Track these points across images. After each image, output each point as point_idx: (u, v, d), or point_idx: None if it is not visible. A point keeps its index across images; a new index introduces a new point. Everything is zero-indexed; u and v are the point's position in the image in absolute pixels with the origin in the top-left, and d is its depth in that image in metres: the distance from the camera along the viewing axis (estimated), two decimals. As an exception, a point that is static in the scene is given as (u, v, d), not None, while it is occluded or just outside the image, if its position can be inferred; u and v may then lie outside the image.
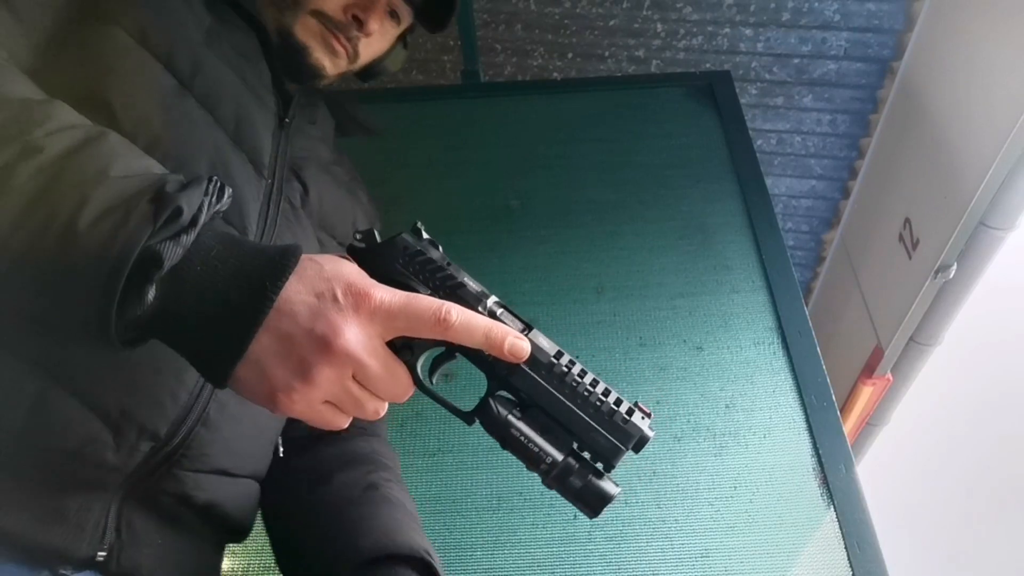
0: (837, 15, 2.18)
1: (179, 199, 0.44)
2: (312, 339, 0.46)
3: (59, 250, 0.42)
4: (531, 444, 0.53)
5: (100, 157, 0.45)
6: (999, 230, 1.81)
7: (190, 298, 0.45)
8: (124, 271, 0.42)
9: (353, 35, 0.81)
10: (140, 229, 0.42)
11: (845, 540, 1.20)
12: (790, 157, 2.57)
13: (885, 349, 2.22)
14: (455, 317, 0.50)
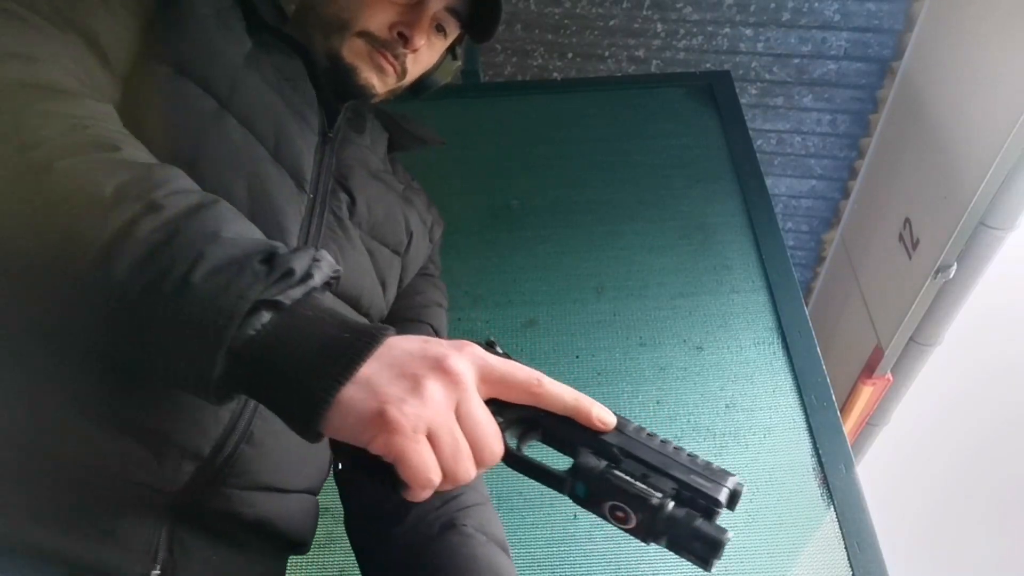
0: (837, 15, 2.18)
1: (291, 260, 0.47)
2: (425, 359, 0.47)
3: (173, 299, 0.45)
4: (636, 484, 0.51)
5: (214, 220, 0.48)
6: (999, 230, 1.82)
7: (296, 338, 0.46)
8: (237, 318, 0.44)
9: (400, 52, 0.82)
10: (254, 282, 0.45)
11: (845, 540, 1.20)
12: (790, 157, 2.58)
13: (885, 349, 2.22)
14: (547, 382, 0.52)
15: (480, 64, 2.27)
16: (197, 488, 0.63)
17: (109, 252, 0.45)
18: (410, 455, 0.45)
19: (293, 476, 0.71)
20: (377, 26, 0.80)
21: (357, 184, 0.81)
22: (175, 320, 0.45)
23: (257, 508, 0.67)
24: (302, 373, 0.46)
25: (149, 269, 0.45)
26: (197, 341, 0.45)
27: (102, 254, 0.45)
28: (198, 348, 0.45)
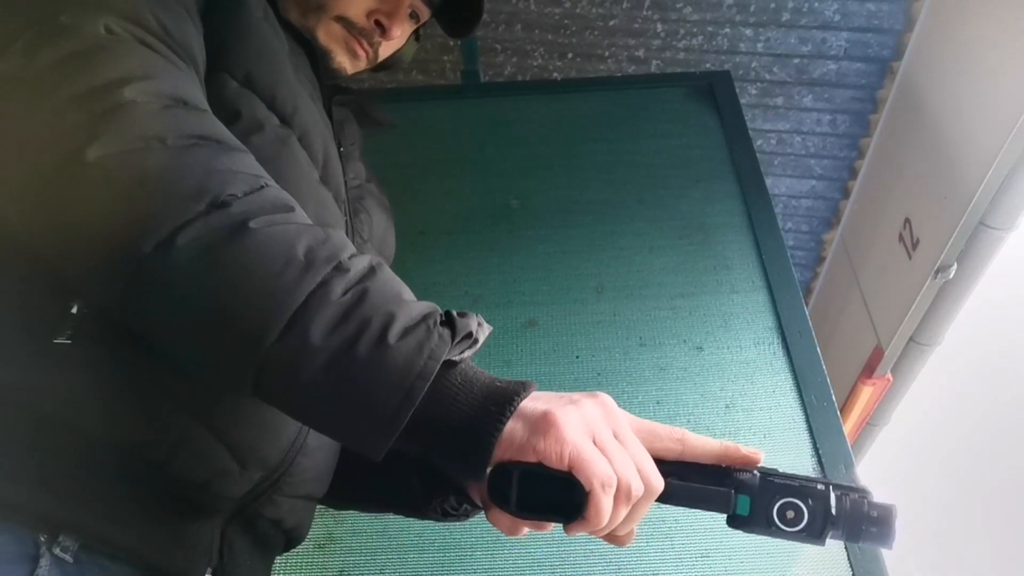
0: (837, 15, 2.18)
1: (468, 325, 0.51)
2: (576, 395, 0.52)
3: (369, 358, 0.47)
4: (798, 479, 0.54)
5: (391, 282, 0.51)
6: (999, 230, 1.82)
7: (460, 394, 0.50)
8: (430, 378, 0.47)
9: (375, 40, 0.83)
10: (441, 346, 0.48)
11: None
12: (790, 157, 2.58)
13: (885, 349, 2.22)
14: (691, 435, 0.55)
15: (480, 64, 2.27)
16: (256, 496, 0.65)
17: (307, 312, 0.47)
18: (582, 448, 0.48)
19: (324, 485, 0.75)
20: (355, 12, 0.80)
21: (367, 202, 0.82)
22: (370, 379, 0.47)
23: (296, 515, 0.71)
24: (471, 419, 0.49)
25: (346, 329, 0.47)
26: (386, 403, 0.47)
27: (298, 316, 0.47)
28: (391, 406, 0.47)
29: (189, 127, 0.51)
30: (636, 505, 0.53)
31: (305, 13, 0.80)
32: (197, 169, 0.49)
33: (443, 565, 1.20)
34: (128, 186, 0.48)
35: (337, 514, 1.26)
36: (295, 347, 0.47)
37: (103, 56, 0.53)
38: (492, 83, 2.51)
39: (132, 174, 0.48)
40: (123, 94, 0.50)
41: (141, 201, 0.48)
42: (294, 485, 0.68)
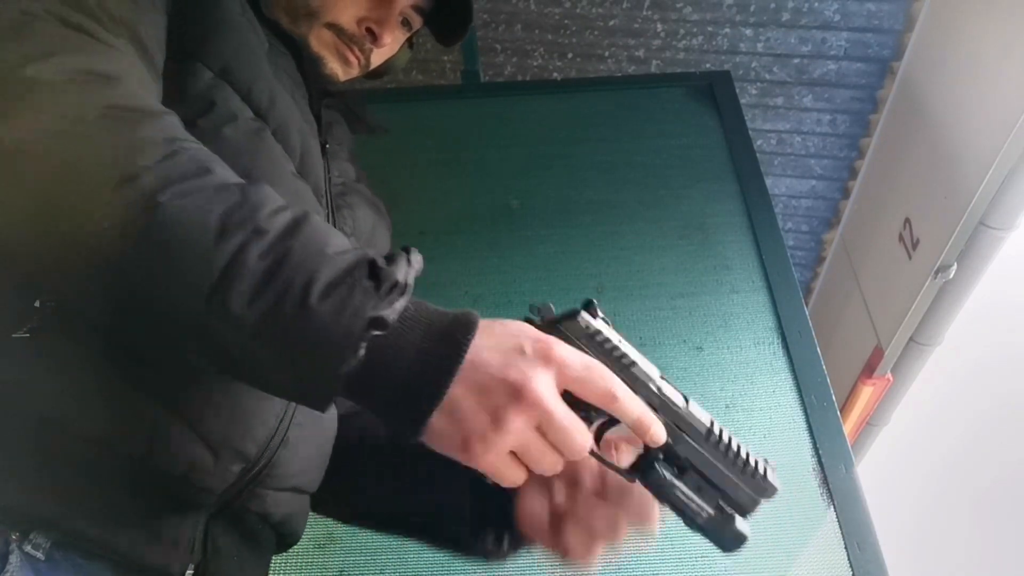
0: (837, 15, 2.18)
1: (395, 272, 0.49)
2: (505, 387, 0.49)
3: (293, 322, 0.46)
4: (692, 503, 0.59)
5: (316, 234, 0.50)
6: (999, 230, 1.82)
7: (390, 355, 0.49)
8: (356, 337, 0.46)
9: (367, 48, 0.82)
10: (366, 300, 0.47)
11: (845, 540, 1.20)
12: (790, 157, 2.58)
13: (885, 349, 2.22)
14: (620, 395, 0.55)
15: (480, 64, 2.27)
16: (238, 489, 0.65)
17: (224, 284, 0.46)
18: (497, 474, 0.51)
19: (313, 477, 0.74)
20: (347, 19, 0.80)
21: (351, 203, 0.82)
22: (295, 343, 0.47)
23: (284, 508, 0.70)
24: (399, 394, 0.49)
25: (266, 296, 0.46)
26: (319, 361, 0.47)
27: (219, 287, 0.46)
28: (320, 367, 0.47)
29: (104, 99, 0.51)
30: None
31: (295, 19, 0.80)
32: (106, 145, 0.49)
33: (443, 565, 1.20)
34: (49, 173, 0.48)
35: (337, 514, 1.26)
36: (219, 320, 0.46)
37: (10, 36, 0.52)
38: (492, 83, 2.51)
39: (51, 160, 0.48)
40: (27, 72, 0.50)
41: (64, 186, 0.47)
42: (278, 478, 0.67)
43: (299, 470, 0.70)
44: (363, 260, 0.49)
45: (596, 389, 0.54)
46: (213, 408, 0.61)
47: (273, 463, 0.66)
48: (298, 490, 0.72)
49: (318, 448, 0.74)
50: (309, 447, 0.71)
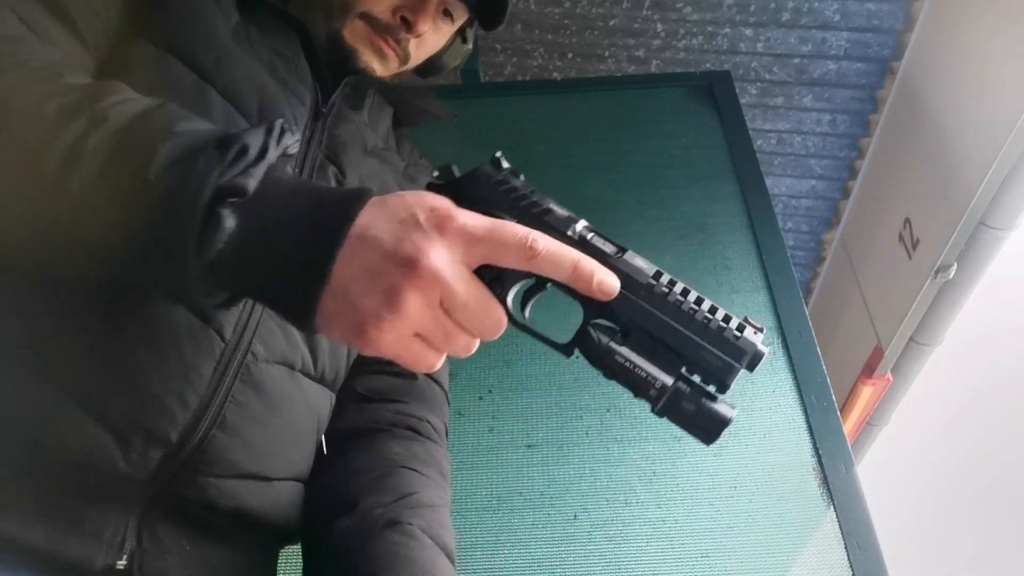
0: (837, 15, 2.18)
1: (243, 137, 0.45)
2: (397, 262, 0.44)
3: (134, 202, 0.43)
4: (637, 370, 0.49)
5: (163, 119, 0.46)
6: (999, 230, 1.82)
7: (269, 226, 0.45)
8: (199, 204, 0.42)
9: (402, 37, 0.80)
10: (209, 166, 0.43)
11: (845, 540, 1.20)
12: (790, 157, 2.57)
13: (885, 349, 2.22)
14: (542, 246, 0.48)
15: (480, 64, 2.27)
16: (167, 476, 0.61)
17: (62, 176, 0.44)
18: (403, 358, 0.47)
19: (276, 463, 0.69)
20: (380, 9, 0.79)
21: (350, 160, 0.78)
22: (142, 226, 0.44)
23: (236, 498, 0.65)
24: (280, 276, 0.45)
25: (105, 182, 0.44)
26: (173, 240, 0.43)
27: (56, 179, 0.44)
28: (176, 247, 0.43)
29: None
30: None
31: (330, 16, 0.79)
32: None
33: None
34: None
35: (337, 514, 1.26)
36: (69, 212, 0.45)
37: None
38: (492, 83, 2.51)
39: None
40: None
41: None
42: (217, 464, 0.63)
43: (249, 455, 0.65)
44: (214, 134, 0.45)
45: (509, 247, 0.47)
46: (109, 387, 0.58)
47: (205, 448, 0.62)
48: (258, 477, 0.67)
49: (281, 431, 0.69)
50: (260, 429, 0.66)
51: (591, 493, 1.27)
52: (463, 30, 0.92)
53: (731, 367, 0.49)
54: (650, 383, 0.49)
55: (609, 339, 0.50)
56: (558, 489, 1.28)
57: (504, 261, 0.48)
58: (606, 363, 0.50)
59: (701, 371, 0.50)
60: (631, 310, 0.50)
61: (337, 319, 0.45)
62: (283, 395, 0.69)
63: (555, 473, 1.29)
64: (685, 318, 0.50)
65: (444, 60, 0.92)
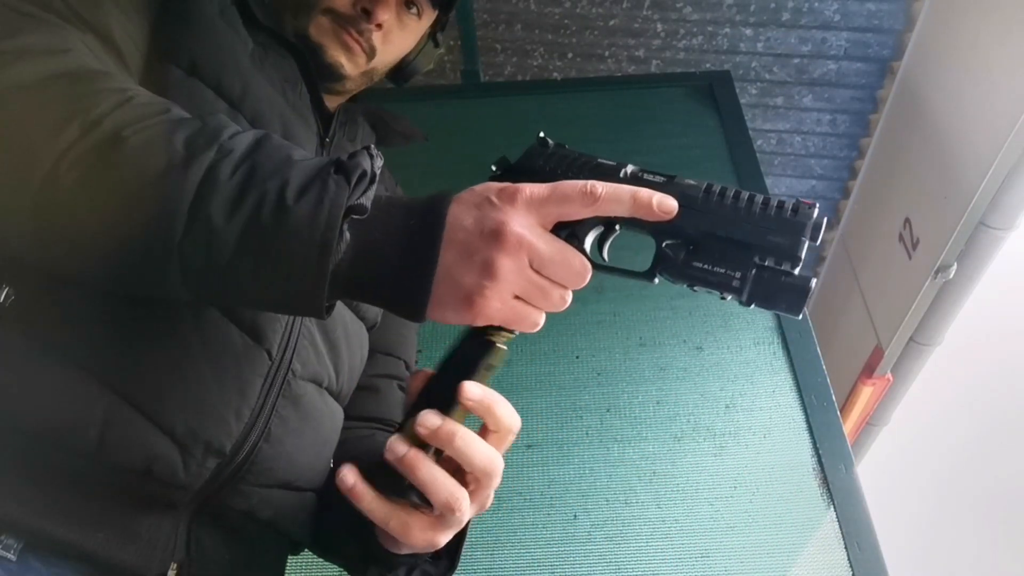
0: (837, 15, 2.18)
1: (361, 164, 0.50)
2: (484, 238, 0.51)
3: (275, 225, 0.47)
4: (716, 270, 0.55)
5: (279, 149, 0.51)
6: (999, 230, 1.82)
7: (377, 236, 0.51)
8: (336, 226, 0.48)
9: (363, 28, 0.81)
10: (340, 192, 0.49)
11: (845, 540, 1.20)
12: (790, 157, 2.58)
13: (885, 349, 2.22)
14: (600, 189, 0.54)
15: (480, 64, 2.27)
16: (218, 486, 0.63)
17: (201, 202, 0.47)
18: (510, 320, 0.53)
19: (307, 473, 0.73)
20: (342, 3, 0.80)
21: None
22: (280, 246, 0.48)
23: (273, 506, 0.68)
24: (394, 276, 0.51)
25: (243, 207, 0.47)
26: (306, 258, 0.48)
27: (197, 205, 0.47)
28: (308, 265, 0.48)
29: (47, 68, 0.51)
30: None
31: (297, 14, 0.80)
32: (61, 98, 0.49)
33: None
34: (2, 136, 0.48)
35: (337, 514, 1.26)
36: (204, 237, 0.47)
37: None
38: (492, 83, 2.51)
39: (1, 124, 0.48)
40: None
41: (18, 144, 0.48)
42: (262, 474, 0.66)
43: (288, 465, 0.69)
44: (329, 161, 0.51)
45: (573, 198, 0.53)
46: (174, 400, 0.60)
47: (253, 459, 0.64)
48: (291, 487, 0.70)
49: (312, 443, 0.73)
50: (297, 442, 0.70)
51: (591, 493, 1.27)
52: (435, 33, 0.94)
53: (796, 241, 0.55)
54: (731, 277, 0.54)
55: (683, 253, 0.55)
56: (558, 489, 1.28)
57: (572, 212, 0.54)
58: (687, 274, 0.55)
59: (772, 254, 0.56)
60: (694, 221, 0.55)
61: (447, 300, 0.51)
62: (315, 409, 0.73)
63: (555, 473, 1.30)
64: (743, 213, 0.55)
65: (416, 64, 0.94)
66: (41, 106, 0.49)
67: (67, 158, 0.47)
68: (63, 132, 0.48)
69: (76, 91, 0.50)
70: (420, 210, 0.52)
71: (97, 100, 0.49)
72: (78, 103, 0.49)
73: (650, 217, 0.55)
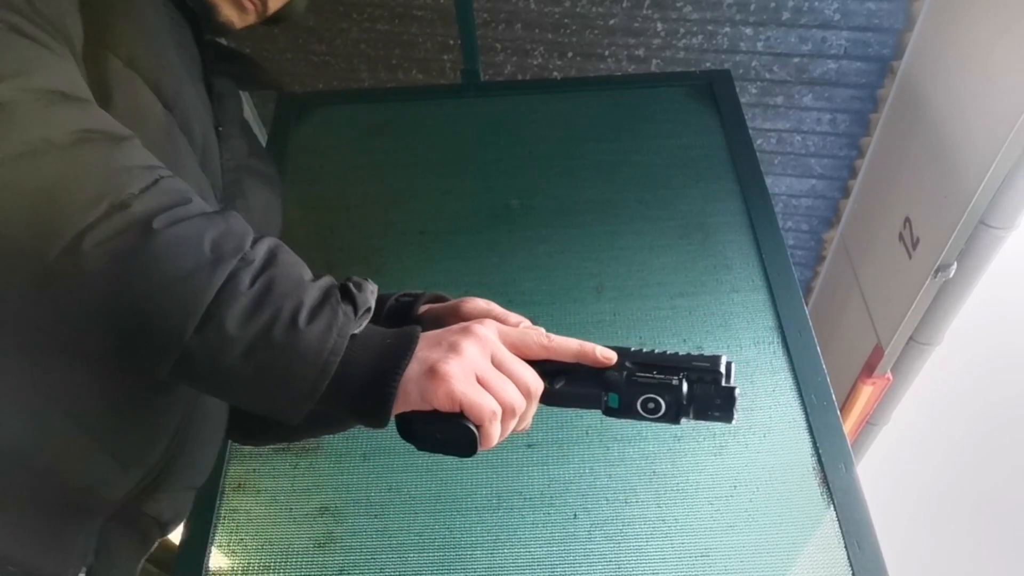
0: (837, 14, 2.18)
1: (367, 299, 0.56)
2: (455, 330, 0.58)
3: (285, 343, 0.51)
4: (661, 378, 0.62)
5: (293, 266, 0.55)
6: (999, 229, 1.81)
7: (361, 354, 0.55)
8: (340, 353, 0.53)
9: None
10: (347, 323, 0.54)
11: (845, 540, 1.20)
12: (790, 156, 2.57)
13: (885, 349, 2.22)
14: (555, 338, 0.63)
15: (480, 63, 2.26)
16: (135, 495, 0.67)
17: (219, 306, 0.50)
18: (469, 394, 0.55)
19: (203, 474, 0.78)
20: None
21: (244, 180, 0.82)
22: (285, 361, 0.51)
23: (175, 508, 0.74)
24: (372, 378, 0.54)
25: (259, 319, 0.51)
26: (305, 376, 0.52)
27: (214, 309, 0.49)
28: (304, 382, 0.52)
29: (74, 122, 0.51)
30: (524, 412, 0.60)
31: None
32: (91, 170, 0.49)
33: (443, 564, 1.20)
34: (23, 194, 0.47)
35: (337, 513, 1.26)
36: (213, 339, 0.50)
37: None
38: (492, 82, 2.51)
39: (25, 181, 0.48)
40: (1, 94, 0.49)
41: (39, 210, 0.47)
42: (172, 480, 0.70)
43: (191, 470, 0.74)
44: (334, 286, 0.56)
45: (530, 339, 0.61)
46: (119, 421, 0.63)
47: (169, 467, 0.69)
48: (190, 487, 0.76)
49: (210, 447, 0.78)
50: (202, 447, 0.75)
51: (591, 493, 1.27)
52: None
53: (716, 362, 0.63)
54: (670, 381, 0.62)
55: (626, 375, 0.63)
56: (558, 489, 1.28)
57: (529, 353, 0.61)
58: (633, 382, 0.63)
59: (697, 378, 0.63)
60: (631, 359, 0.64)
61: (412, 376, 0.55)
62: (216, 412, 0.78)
63: (555, 473, 1.30)
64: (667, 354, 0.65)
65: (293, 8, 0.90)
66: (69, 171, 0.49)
67: (90, 236, 0.47)
68: (91, 208, 0.48)
69: (106, 162, 0.50)
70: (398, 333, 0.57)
71: (128, 178, 0.50)
72: (108, 179, 0.49)
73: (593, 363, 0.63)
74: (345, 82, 2.79)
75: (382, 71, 2.73)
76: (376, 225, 1.67)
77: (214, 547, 1.23)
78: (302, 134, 1.86)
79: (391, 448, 1.33)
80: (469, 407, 0.54)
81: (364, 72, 2.75)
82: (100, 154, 0.51)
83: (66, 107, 0.52)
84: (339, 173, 1.77)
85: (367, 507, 1.27)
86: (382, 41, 2.62)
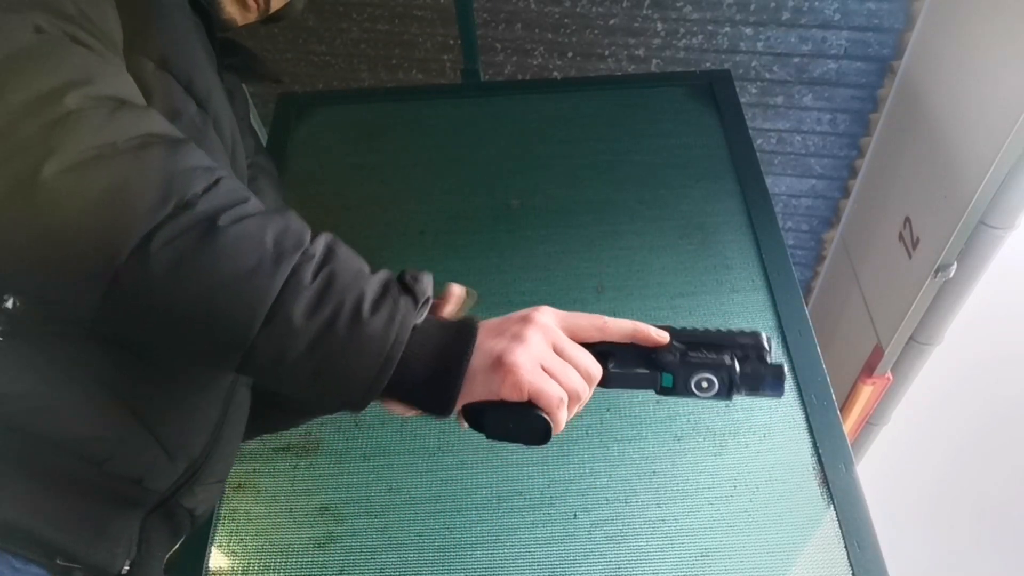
0: (837, 14, 2.18)
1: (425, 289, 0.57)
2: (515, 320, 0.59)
3: (349, 334, 0.52)
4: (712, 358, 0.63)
5: (350, 259, 0.56)
6: (999, 229, 1.81)
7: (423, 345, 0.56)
8: (403, 344, 0.53)
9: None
10: (408, 314, 0.54)
11: (845, 540, 1.20)
12: (790, 156, 2.57)
13: (885, 348, 2.22)
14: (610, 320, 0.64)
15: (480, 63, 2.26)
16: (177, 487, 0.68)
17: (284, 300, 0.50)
18: (537, 384, 0.55)
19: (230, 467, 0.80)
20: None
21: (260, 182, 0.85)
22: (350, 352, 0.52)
23: (208, 501, 0.75)
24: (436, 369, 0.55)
25: (323, 311, 0.51)
26: (369, 366, 0.52)
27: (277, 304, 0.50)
28: (369, 372, 0.52)
29: (136, 127, 0.52)
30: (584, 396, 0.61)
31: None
32: (156, 172, 0.50)
33: (443, 564, 1.20)
34: (91, 199, 0.48)
35: (337, 513, 1.26)
36: (279, 333, 0.50)
37: (39, 61, 0.52)
38: (492, 82, 2.51)
39: (94, 186, 0.48)
40: (67, 103, 0.50)
41: (107, 212, 0.48)
42: (208, 473, 0.72)
43: (224, 463, 0.76)
44: (393, 278, 0.57)
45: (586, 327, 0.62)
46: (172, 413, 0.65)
47: (208, 460, 0.71)
48: (220, 480, 0.77)
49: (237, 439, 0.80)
50: (234, 440, 0.77)
51: (591, 493, 1.27)
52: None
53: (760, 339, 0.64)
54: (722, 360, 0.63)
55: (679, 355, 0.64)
56: (558, 489, 1.28)
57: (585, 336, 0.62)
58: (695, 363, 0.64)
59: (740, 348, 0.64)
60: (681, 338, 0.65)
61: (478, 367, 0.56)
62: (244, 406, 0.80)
63: (555, 473, 1.30)
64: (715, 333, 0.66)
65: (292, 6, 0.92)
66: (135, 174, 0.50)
67: (159, 236, 0.48)
68: (159, 209, 0.49)
69: (169, 164, 0.51)
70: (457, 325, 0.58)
71: (191, 178, 0.51)
72: (172, 179, 0.50)
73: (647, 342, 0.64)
74: (345, 82, 2.79)
75: (382, 71, 2.73)
76: (376, 225, 1.67)
77: (214, 547, 1.23)
78: (302, 134, 1.86)
79: (391, 448, 1.33)
80: (538, 396, 0.55)
81: (364, 72, 2.75)
82: (163, 157, 0.51)
83: (127, 113, 0.53)
84: (339, 173, 1.77)
85: (367, 507, 1.27)
86: (382, 41, 2.62)
